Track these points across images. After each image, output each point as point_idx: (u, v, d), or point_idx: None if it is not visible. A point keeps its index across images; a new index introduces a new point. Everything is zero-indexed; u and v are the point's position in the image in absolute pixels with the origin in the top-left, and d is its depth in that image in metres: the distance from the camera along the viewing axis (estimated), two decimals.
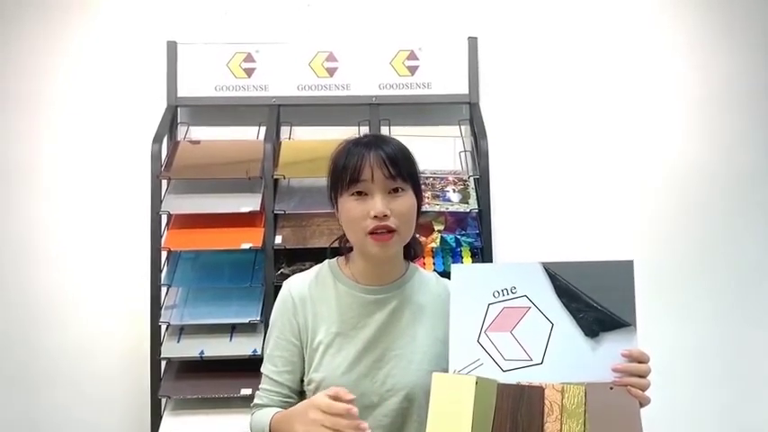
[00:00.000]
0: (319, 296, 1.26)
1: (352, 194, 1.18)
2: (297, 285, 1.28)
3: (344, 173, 1.19)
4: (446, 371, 1.09)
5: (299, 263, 2.05)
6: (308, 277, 1.29)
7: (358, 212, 1.17)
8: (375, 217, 1.16)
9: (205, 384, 2.01)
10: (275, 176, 2.14)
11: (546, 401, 1.04)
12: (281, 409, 1.20)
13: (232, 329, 2.07)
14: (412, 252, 1.31)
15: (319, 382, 1.21)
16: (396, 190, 1.18)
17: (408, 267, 1.30)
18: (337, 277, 1.28)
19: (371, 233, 1.17)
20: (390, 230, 1.17)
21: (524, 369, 1.08)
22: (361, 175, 1.17)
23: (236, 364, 2.01)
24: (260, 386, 1.27)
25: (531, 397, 1.04)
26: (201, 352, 2.02)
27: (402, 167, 1.19)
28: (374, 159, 1.17)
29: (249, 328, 2.03)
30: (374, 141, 1.22)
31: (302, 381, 1.25)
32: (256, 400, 1.26)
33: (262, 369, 1.27)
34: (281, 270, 2.07)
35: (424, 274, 1.32)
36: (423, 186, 2.27)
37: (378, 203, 1.16)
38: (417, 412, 1.20)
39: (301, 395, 1.26)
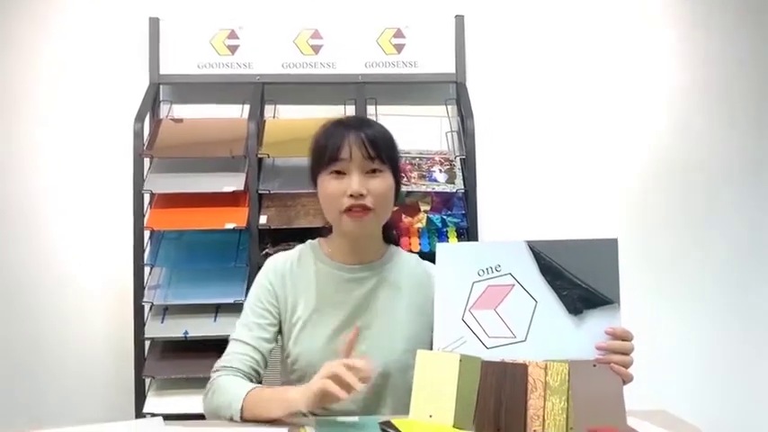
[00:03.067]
0: (300, 273, 1.29)
1: (331, 173, 1.21)
2: (280, 262, 1.31)
3: (324, 152, 1.21)
4: (428, 349, 1.10)
5: (284, 243, 2.03)
6: (291, 255, 1.32)
7: (335, 190, 1.20)
8: (351, 195, 1.18)
9: (189, 364, 2.01)
10: (259, 155, 2.12)
11: (529, 378, 1.04)
12: (257, 385, 1.19)
13: (216, 310, 2.06)
14: (393, 236, 1.34)
15: (297, 356, 1.25)
16: (374, 171, 1.21)
17: (389, 249, 1.32)
18: (317, 256, 1.30)
19: (347, 211, 1.19)
20: (366, 209, 1.19)
21: (508, 346, 1.08)
22: (339, 154, 1.20)
23: (220, 344, 1.95)
24: (228, 351, 1.25)
25: (515, 374, 1.04)
26: (186, 332, 2.02)
27: (381, 149, 1.21)
28: (354, 139, 1.20)
29: (233, 309, 2.02)
30: (356, 123, 1.24)
31: (265, 357, 1.25)
32: (223, 363, 1.23)
33: (233, 336, 1.26)
34: (266, 250, 2.06)
35: (405, 256, 1.34)
36: (409, 166, 2.33)
37: (354, 182, 1.19)
38: (392, 390, 1.23)
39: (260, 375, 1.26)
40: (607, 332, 1.06)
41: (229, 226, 2.02)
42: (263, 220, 2.09)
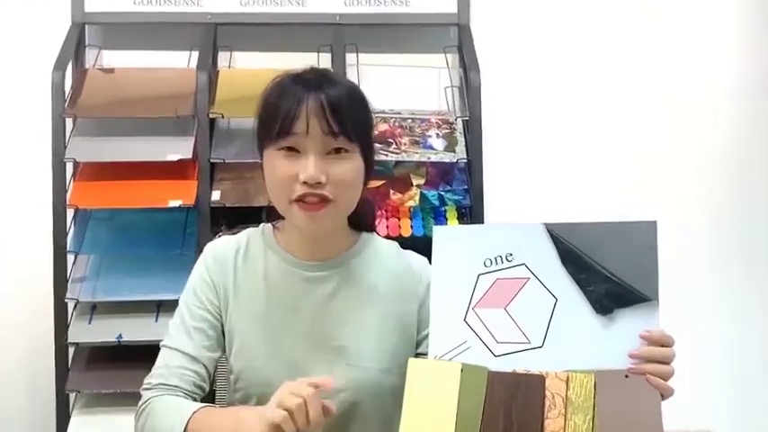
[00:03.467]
0: (246, 266, 1.27)
1: (281, 149, 1.17)
2: (222, 250, 1.29)
3: (273, 120, 1.17)
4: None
5: (242, 225, 2.01)
6: (236, 241, 1.30)
7: (285, 174, 1.16)
8: (305, 183, 1.15)
9: (124, 376, 2.01)
10: (211, 115, 2.11)
11: (547, 393, 1.04)
12: (205, 404, 1.17)
13: (158, 308, 2.06)
14: (362, 221, 1.31)
15: (238, 373, 1.23)
16: (338, 150, 1.17)
17: (359, 238, 1.30)
18: (269, 246, 1.28)
19: (299, 200, 1.16)
20: (324, 199, 1.16)
21: (521, 353, 1.08)
22: (293, 127, 1.15)
23: None
24: (162, 362, 1.24)
25: (529, 387, 1.04)
26: (119, 336, 2.02)
27: (348, 121, 1.17)
28: (312, 107, 1.15)
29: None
30: (317, 80, 1.18)
31: (210, 371, 1.25)
32: (157, 379, 1.22)
33: (167, 343, 1.25)
34: (220, 234, 2.06)
35: (381, 246, 1.32)
36: (399, 130, 2.32)
37: (310, 166, 1.14)
38: (361, 421, 1.22)
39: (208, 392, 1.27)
40: (642, 336, 1.06)
41: (174, 204, 2.01)
42: (215, 196, 2.09)
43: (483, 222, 2.11)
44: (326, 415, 1.05)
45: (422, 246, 1.32)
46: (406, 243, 1.36)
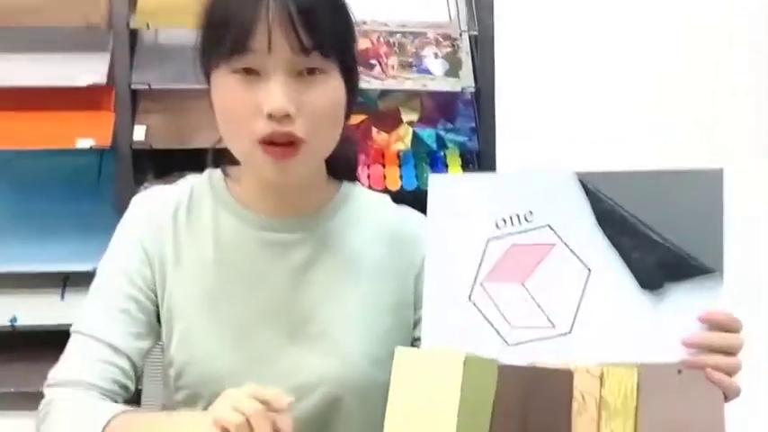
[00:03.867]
0: (190, 228, 1.27)
1: (235, 72, 1.16)
2: (156, 206, 1.29)
3: (223, 33, 1.15)
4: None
5: (176, 173, 2.01)
6: (176, 195, 1.30)
7: (242, 105, 1.16)
8: (270, 116, 1.14)
9: (19, 370, 2.02)
10: (133, 26, 2.10)
11: (575, 392, 1.04)
12: (127, 408, 1.18)
13: (64, 283, 2.07)
14: (344, 167, 1.33)
15: (182, 368, 1.24)
16: (310, 72, 1.16)
17: (339, 189, 1.32)
18: (220, 200, 1.29)
19: (264, 142, 1.16)
20: (294, 140, 1.16)
21: (542, 342, 1.08)
22: (251, 41, 1.13)
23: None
24: (72, 353, 1.24)
25: (553, 385, 1.04)
26: (13, 319, 2.03)
27: (323, 32, 1.16)
28: (276, 13, 1.13)
29: (92, 280, 2.02)
30: None
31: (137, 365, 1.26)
32: (65, 374, 1.22)
33: (79, 327, 1.25)
34: (146, 185, 2.04)
35: (368, 200, 1.34)
36: (385, 48, 2.30)
37: (276, 94, 1.13)
38: (344, 423, 1.24)
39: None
40: (702, 319, 1.06)
41: (83, 144, 2.00)
42: (139, 134, 2.08)
43: (495, 171, 2.11)
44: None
45: (414, 203, 1.33)
46: (393, 199, 1.38)
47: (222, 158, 1.31)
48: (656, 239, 1.07)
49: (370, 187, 1.54)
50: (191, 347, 1.24)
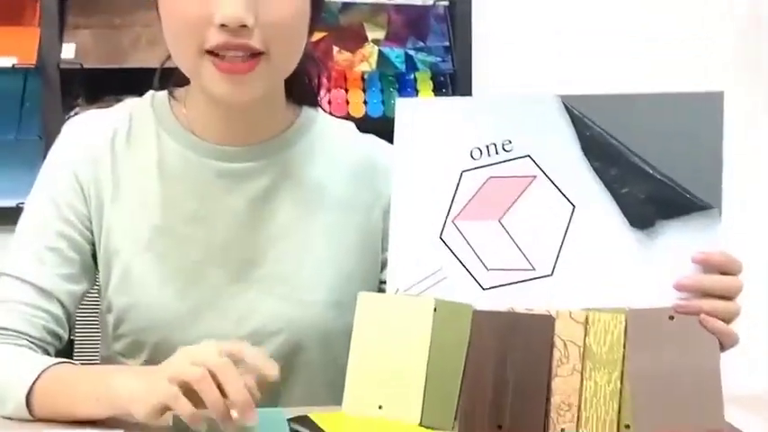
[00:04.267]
0: (130, 157, 1.26)
1: None
2: (91, 132, 1.27)
3: None
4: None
5: (111, 96, 1.99)
6: (112, 119, 1.28)
7: (192, 14, 1.13)
8: (223, 27, 1.12)
9: None
10: None
11: (557, 340, 1.05)
12: (60, 360, 1.16)
13: None
14: (305, 90, 1.32)
15: (122, 313, 1.23)
16: None
17: (299, 115, 1.31)
18: (164, 125, 1.27)
19: (216, 56, 1.14)
20: (252, 54, 1.14)
21: (521, 285, 1.09)
22: None
23: None
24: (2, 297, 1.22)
25: (532, 332, 1.05)
26: None
27: None
28: None
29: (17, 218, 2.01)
30: None
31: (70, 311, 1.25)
32: None
33: (5, 269, 1.24)
34: (77, 110, 2.03)
35: (332, 127, 1.35)
36: None
37: (231, 1, 1.11)
38: (304, 370, 1.25)
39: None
40: (696, 260, 1.06)
41: (5, 62, 2.00)
42: (68, 52, 2.07)
43: (471, 95, 2.10)
44: (262, 387, 1.01)
45: (380, 132, 1.32)
46: (357, 127, 1.39)
47: (168, 80, 1.30)
48: (648, 171, 1.07)
49: (330, 114, 1.53)
50: (132, 290, 1.23)
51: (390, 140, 1.14)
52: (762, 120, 2.65)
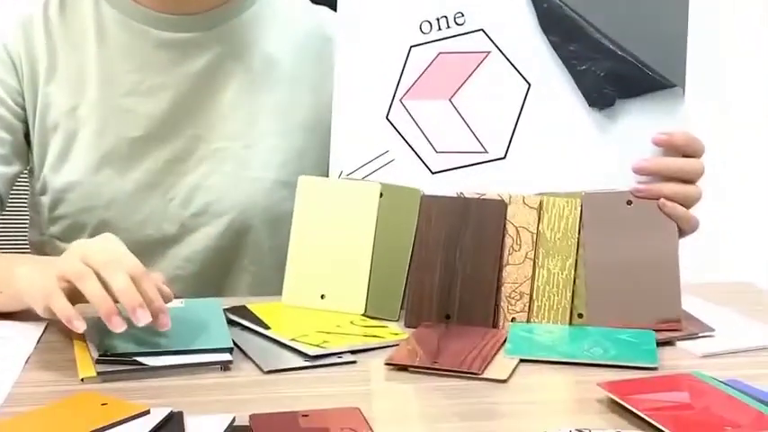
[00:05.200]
0: (66, 26, 1.24)
1: None
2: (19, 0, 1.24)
3: None
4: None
5: None
6: None
7: None
8: None
9: None
10: None
11: (509, 226, 1.05)
12: None
13: None
14: None
15: (60, 194, 1.22)
16: None
17: None
18: None
19: None
20: None
21: (472, 168, 1.09)
22: None
23: None
24: None
25: (482, 218, 1.05)
26: None
27: None
28: None
29: None
30: None
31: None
32: None
33: None
34: None
35: None
36: None
37: None
38: (250, 254, 1.26)
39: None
40: (656, 141, 1.05)
41: None
42: None
43: None
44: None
45: (331, 3, 1.30)
46: None
47: None
48: (608, 47, 1.06)
49: None
50: (70, 169, 1.22)
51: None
52: None
